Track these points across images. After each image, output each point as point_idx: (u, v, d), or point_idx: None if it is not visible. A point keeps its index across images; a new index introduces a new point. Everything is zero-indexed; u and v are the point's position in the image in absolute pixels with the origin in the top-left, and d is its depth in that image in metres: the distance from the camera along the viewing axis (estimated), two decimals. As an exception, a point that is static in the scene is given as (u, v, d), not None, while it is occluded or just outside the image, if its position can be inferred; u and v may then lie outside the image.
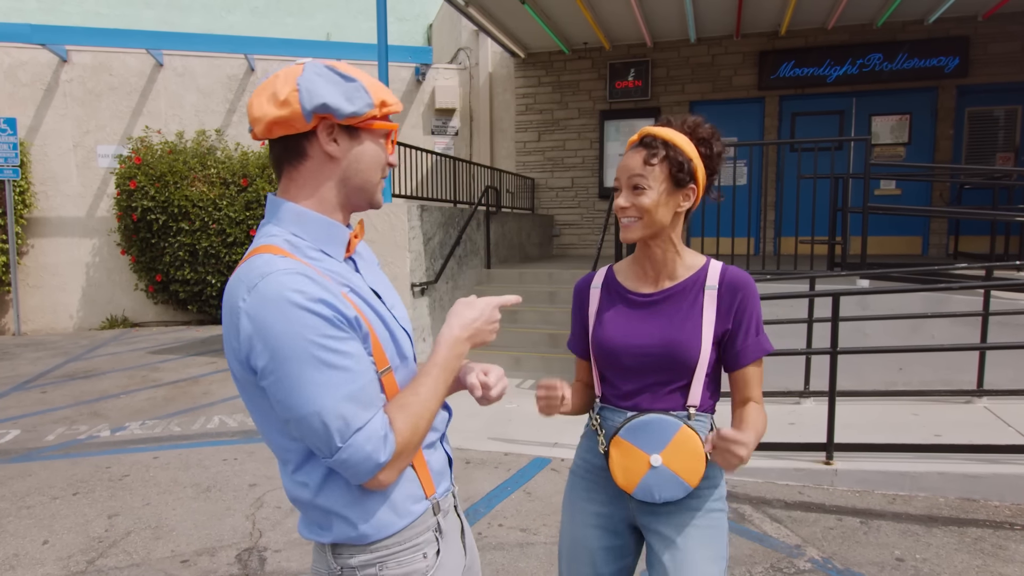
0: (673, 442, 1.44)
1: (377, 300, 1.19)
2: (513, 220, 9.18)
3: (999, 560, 3.03)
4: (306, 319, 1.00)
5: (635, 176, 1.49)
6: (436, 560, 1.19)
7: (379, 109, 1.16)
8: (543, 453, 4.38)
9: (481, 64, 10.93)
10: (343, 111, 1.11)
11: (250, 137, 10.44)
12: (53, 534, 3.37)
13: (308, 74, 1.11)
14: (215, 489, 3.91)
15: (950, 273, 5.69)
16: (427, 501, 1.20)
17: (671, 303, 1.52)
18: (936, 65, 9.02)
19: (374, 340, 1.12)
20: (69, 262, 10.05)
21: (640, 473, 1.46)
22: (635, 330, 1.53)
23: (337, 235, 1.17)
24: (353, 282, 1.15)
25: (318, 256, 1.14)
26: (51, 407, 5.70)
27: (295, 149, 1.14)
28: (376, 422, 1.06)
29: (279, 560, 3.09)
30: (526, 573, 2.97)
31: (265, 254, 1.06)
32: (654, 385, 1.51)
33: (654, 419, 1.47)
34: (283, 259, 1.05)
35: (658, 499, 1.46)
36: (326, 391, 1.01)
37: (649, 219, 1.49)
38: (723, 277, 1.51)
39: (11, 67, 9.70)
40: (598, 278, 1.66)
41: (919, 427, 4.48)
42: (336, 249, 1.17)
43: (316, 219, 1.15)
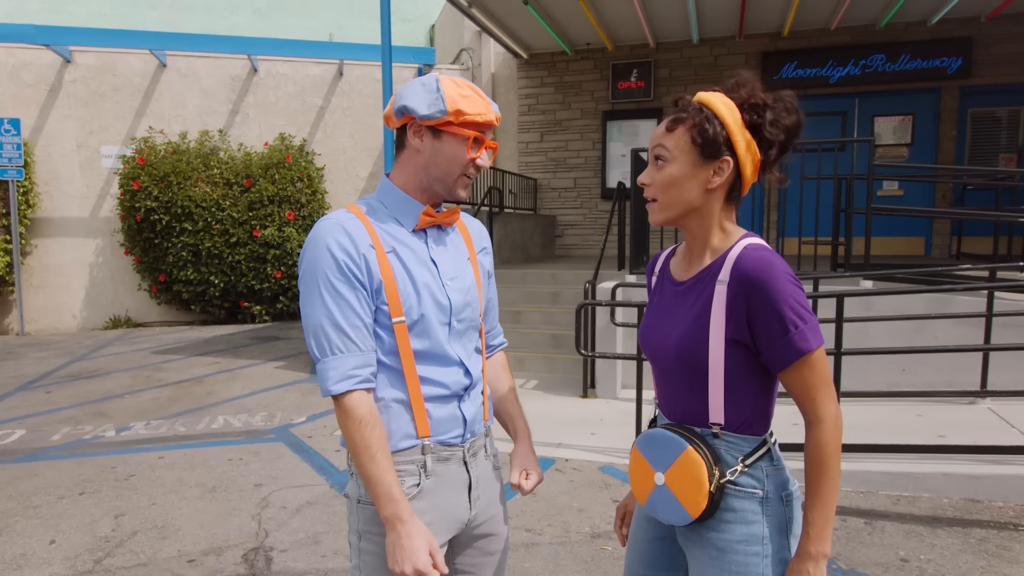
0: (676, 463, 1.28)
1: (426, 268, 1.42)
2: (516, 221, 9.20)
3: (1003, 561, 3.03)
4: (323, 256, 1.33)
5: (656, 145, 1.31)
6: (416, 491, 1.39)
7: (455, 116, 1.36)
8: (547, 454, 4.39)
9: (484, 65, 10.95)
10: (419, 113, 1.37)
11: (254, 138, 10.49)
12: (60, 534, 3.38)
13: (408, 83, 1.41)
14: (221, 489, 3.92)
15: (953, 274, 5.69)
16: (417, 440, 1.40)
17: (690, 295, 1.34)
18: (939, 66, 9.02)
19: (390, 292, 1.36)
20: (72, 262, 10.08)
21: (648, 488, 1.34)
22: (658, 324, 1.40)
23: (410, 210, 1.44)
24: (405, 247, 1.41)
25: (388, 221, 1.43)
26: (56, 407, 5.72)
27: (399, 140, 1.45)
28: (348, 361, 1.32)
29: (285, 560, 3.10)
30: (531, 573, 2.98)
31: (344, 208, 1.42)
32: (677, 388, 1.35)
33: (660, 435, 1.32)
34: (346, 213, 1.38)
35: (663, 520, 1.33)
36: (321, 312, 1.33)
37: (669, 197, 1.30)
38: (735, 268, 1.25)
39: (15, 68, 9.73)
40: (661, 259, 1.50)
41: (923, 428, 4.48)
42: (407, 220, 1.44)
43: (397, 193, 1.45)
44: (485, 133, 1.42)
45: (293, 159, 9.95)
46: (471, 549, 1.53)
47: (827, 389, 1.26)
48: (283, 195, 9.79)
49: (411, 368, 1.39)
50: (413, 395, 1.39)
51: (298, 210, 9.93)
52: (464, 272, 1.51)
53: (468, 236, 1.59)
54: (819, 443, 1.25)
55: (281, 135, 10.26)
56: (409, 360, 1.39)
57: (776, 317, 1.22)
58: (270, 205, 9.74)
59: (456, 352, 1.45)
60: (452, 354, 1.44)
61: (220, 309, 10.12)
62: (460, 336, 1.47)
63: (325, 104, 10.61)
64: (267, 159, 9.89)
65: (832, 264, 6.03)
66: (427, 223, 1.45)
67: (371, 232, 1.38)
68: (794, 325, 1.21)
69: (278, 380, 6.52)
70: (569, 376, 6.23)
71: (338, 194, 10.61)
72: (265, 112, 10.45)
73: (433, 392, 1.41)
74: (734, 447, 1.30)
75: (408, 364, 1.39)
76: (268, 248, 9.69)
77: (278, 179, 9.77)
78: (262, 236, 9.64)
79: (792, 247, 6.15)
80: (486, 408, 1.55)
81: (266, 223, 9.70)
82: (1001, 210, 6.89)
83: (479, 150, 1.42)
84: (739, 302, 1.25)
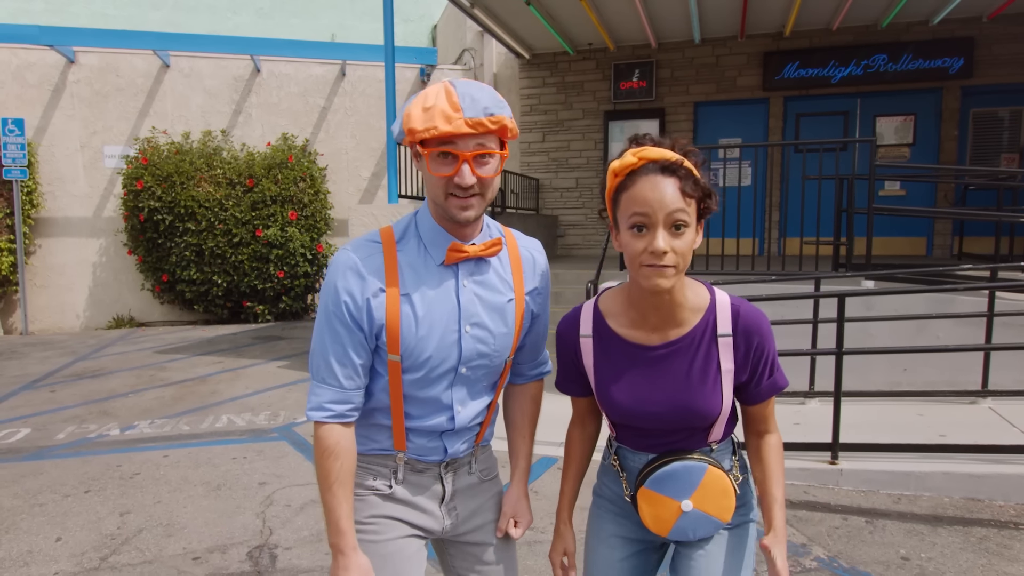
0: (702, 485, 1.36)
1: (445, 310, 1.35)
2: (518, 221, 9.21)
3: (1004, 559, 3.05)
4: (330, 292, 1.33)
5: (677, 212, 1.22)
6: (388, 491, 1.43)
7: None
8: (550, 452, 4.40)
9: (486, 65, 10.96)
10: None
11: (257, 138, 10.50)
12: (66, 531, 3.41)
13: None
14: (225, 487, 3.95)
15: (955, 274, 5.70)
16: (393, 452, 1.43)
17: (681, 356, 1.36)
18: (941, 66, 9.03)
19: (391, 333, 1.32)
20: (76, 262, 10.12)
21: (672, 520, 1.38)
22: (646, 393, 1.38)
23: (439, 242, 1.36)
24: (426, 287, 1.34)
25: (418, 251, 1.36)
26: (60, 406, 5.74)
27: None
28: (326, 394, 1.34)
29: (290, 557, 3.13)
30: (534, 571, 3.00)
31: (375, 231, 1.38)
32: (673, 439, 1.42)
33: (679, 467, 1.37)
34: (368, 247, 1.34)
35: (693, 538, 1.41)
36: (318, 340, 1.35)
37: (684, 264, 1.26)
38: (736, 323, 1.34)
39: (19, 68, 9.76)
40: (584, 323, 1.44)
41: (924, 427, 4.49)
42: (436, 253, 1.36)
43: (428, 220, 1.38)
44: (454, 144, 1.25)
45: (296, 159, 9.97)
46: (466, 557, 1.53)
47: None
48: (286, 195, 9.82)
49: (398, 404, 1.39)
50: (396, 426, 1.41)
51: (300, 210, 9.96)
52: (496, 317, 1.40)
53: (520, 270, 1.44)
54: (779, 444, 1.47)
55: (284, 135, 10.28)
56: (398, 396, 1.38)
57: (770, 362, 1.39)
58: (273, 205, 9.77)
59: (453, 398, 1.40)
60: (447, 400, 1.40)
61: (223, 309, 10.15)
62: (467, 383, 1.41)
63: (328, 104, 10.63)
64: (270, 159, 9.92)
65: (833, 264, 6.05)
66: (456, 259, 1.34)
67: (389, 270, 1.32)
68: (778, 367, 1.41)
69: (281, 379, 6.54)
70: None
71: (340, 194, 10.63)
72: (268, 112, 10.48)
73: (416, 426, 1.41)
74: (723, 451, 1.46)
75: (396, 400, 1.38)
76: (271, 248, 9.72)
77: (281, 179, 9.79)
78: (265, 236, 9.66)
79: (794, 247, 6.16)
80: (482, 435, 1.51)
81: (269, 223, 9.72)
82: (1002, 210, 6.89)
83: (453, 167, 1.26)
84: (744, 351, 1.36)
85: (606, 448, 1.56)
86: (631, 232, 1.25)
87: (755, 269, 6.11)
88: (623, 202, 1.27)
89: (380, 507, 1.43)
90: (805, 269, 5.90)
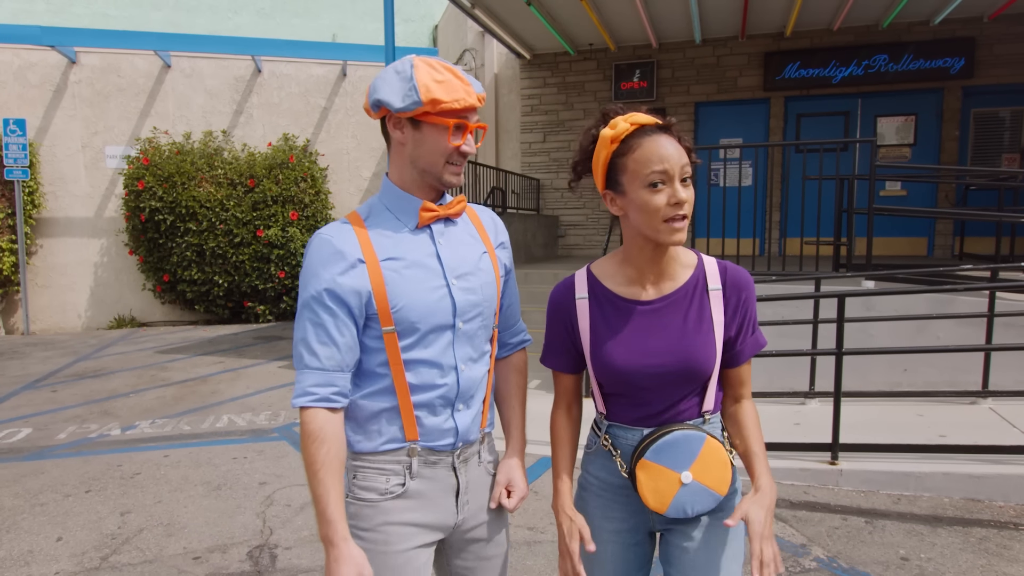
0: (700, 456, 1.37)
1: (428, 269, 1.39)
2: (519, 221, 9.22)
3: (1003, 560, 3.05)
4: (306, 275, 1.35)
5: (686, 165, 1.32)
6: (401, 490, 1.40)
7: (431, 106, 1.31)
8: (548, 452, 4.41)
9: (487, 65, 10.97)
10: (395, 107, 1.32)
11: (258, 138, 10.51)
12: (67, 531, 3.42)
13: (383, 73, 1.36)
14: (226, 487, 3.96)
15: (955, 274, 5.70)
16: (404, 443, 1.40)
17: (675, 309, 1.41)
18: (942, 66, 9.03)
19: (380, 303, 1.34)
20: (77, 262, 10.13)
21: (672, 492, 1.38)
22: (646, 346, 1.40)
23: (409, 207, 1.41)
24: (404, 249, 1.38)
25: (389, 222, 1.40)
26: (62, 406, 5.76)
27: (384, 134, 1.42)
28: (309, 378, 1.33)
29: (290, 557, 3.13)
30: (533, 571, 3.00)
31: (343, 217, 1.41)
32: (671, 399, 1.42)
33: (679, 436, 1.38)
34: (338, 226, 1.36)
35: (691, 514, 1.40)
36: (299, 328, 1.35)
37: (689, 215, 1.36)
38: (725, 277, 1.42)
39: (20, 68, 9.78)
40: (580, 286, 1.48)
41: (924, 428, 4.49)
42: (408, 219, 1.41)
43: (393, 190, 1.42)
44: (468, 117, 1.36)
45: (297, 159, 9.99)
46: (465, 553, 1.51)
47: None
48: (287, 195, 9.83)
49: (400, 377, 1.37)
50: (403, 403, 1.38)
51: (302, 210, 9.96)
52: (477, 268, 1.45)
53: (483, 228, 1.52)
54: (755, 410, 1.48)
55: (285, 135, 10.30)
56: (399, 369, 1.37)
57: (752, 318, 1.44)
58: (274, 205, 9.78)
59: (456, 357, 1.41)
60: (449, 360, 1.40)
61: (224, 309, 10.17)
62: (467, 339, 1.43)
63: (328, 104, 10.64)
64: (271, 159, 9.93)
65: (834, 264, 6.05)
66: (429, 219, 1.41)
67: (364, 243, 1.35)
68: (757, 327, 1.46)
69: (281, 379, 6.55)
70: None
71: (341, 194, 10.64)
72: (269, 112, 10.49)
73: (424, 399, 1.39)
74: (714, 422, 1.46)
75: (398, 373, 1.37)
76: (272, 248, 9.73)
77: (282, 179, 9.81)
78: (266, 236, 9.67)
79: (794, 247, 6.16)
80: (485, 415, 1.51)
81: (270, 223, 9.73)
82: (1003, 210, 6.89)
83: (462, 136, 1.36)
84: (733, 304, 1.42)
85: (591, 434, 1.55)
86: (649, 189, 1.31)
87: (755, 269, 6.11)
88: (630, 164, 1.33)
89: (391, 513, 1.39)
90: (805, 269, 5.90)
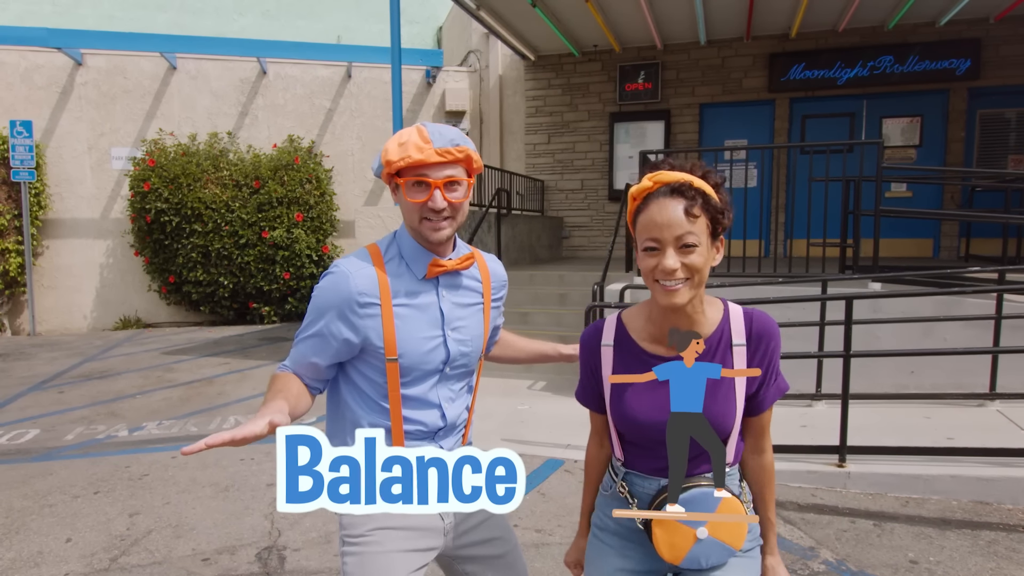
0: (718, 513, 1.37)
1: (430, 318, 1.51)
2: (523, 222, 9.22)
3: (1012, 563, 3.04)
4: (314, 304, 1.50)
5: (685, 233, 1.30)
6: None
7: (388, 168, 1.45)
8: (557, 455, 4.41)
9: (491, 67, 10.98)
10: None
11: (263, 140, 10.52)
12: (76, 532, 3.43)
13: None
14: (233, 489, 3.96)
15: (962, 276, 5.68)
16: None
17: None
18: (948, 67, 9.00)
19: (388, 338, 1.45)
20: (83, 263, 10.16)
21: (687, 547, 1.37)
22: (661, 403, 1.39)
23: (420, 258, 1.52)
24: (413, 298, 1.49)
25: (402, 266, 1.51)
26: (69, 407, 5.77)
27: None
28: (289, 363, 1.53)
29: (298, 559, 3.14)
30: (542, 573, 3.01)
31: (363, 248, 1.53)
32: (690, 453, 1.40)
33: (697, 494, 1.37)
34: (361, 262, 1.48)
35: (705, 566, 1.39)
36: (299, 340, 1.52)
37: (699, 279, 1.33)
38: (749, 330, 1.40)
39: (27, 70, 9.82)
40: (607, 333, 1.50)
41: (932, 430, 4.48)
42: (417, 269, 1.52)
43: (408, 241, 1.53)
44: (426, 174, 1.42)
45: (302, 161, 10.01)
46: (473, 557, 1.57)
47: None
48: (292, 197, 9.84)
49: (397, 408, 1.49)
50: (395, 430, 1.50)
51: (306, 212, 9.98)
52: (471, 322, 1.58)
53: (488, 281, 1.64)
54: (771, 463, 1.50)
55: (290, 137, 10.32)
56: (396, 402, 1.49)
57: (776, 366, 1.43)
58: (279, 207, 9.80)
59: (438, 396, 1.54)
60: (433, 399, 1.53)
61: (229, 310, 10.19)
62: (448, 380, 1.56)
63: (333, 106, 10.66)
64: (276, 161, 9.95)
65: (840, 266, 6.04)
66: (436, 273, 1.51)
67: (382, 283, 1.47)
68: (780, 371, 1.45)
69: (288, 381, 6.56)
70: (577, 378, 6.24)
71: (346, 196, 10.66)
72: (274, 114, 10.52)
73: (412, 429, 1.52)
74: (732, 476, 1.45)
75: (395, 404, 1.49)
76: (277, 249, 9.75)
77: (287, 181, 9.82)
78: (271, 237, 9.69)
79: (800, 248, 6.14)
80: (465, 438, 1.65)
81: (275, 225, 9.75)
82: (1010, 212, 6.87)
83: (427, 194, 1.43)
84: (759, 358, 1.41)
85: (608, 478, 1.54)
86: (646, 253, 1.34)
87: (761, 271, 6.10)
88: (639, 224, 1.36)
89: (380, 519, 1.43)
90: (812, 271, 5.89)
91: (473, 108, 11.08)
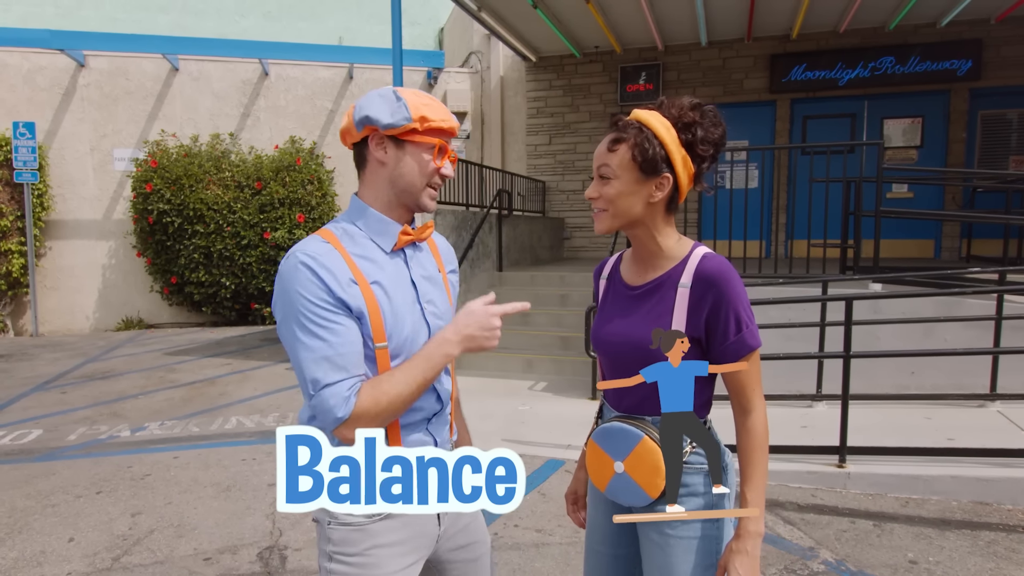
0: (634, 452, 1.39)
1: (406, 291, 1.41)
2: (524, 223, 9.24)
3: (1012, 563, 3.05)
4: (296, 298, 1.29)
5: (601, 165, 1.41)
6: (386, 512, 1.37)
7: (419, 123, 1.35)
8: (557, 455, 4.42)
9: (492, 68, 11.00)
10: (383, 123, 1.34)
11: (265, 141, 10.57)
12: (78, 532, 3.45)
13: (368, 95, 1.38)
14: (235, 489, 3.98)
15: (963, 277, 5.69)
16: None
17: (651, 297, 1.44)
18: (949, 68, 9.01)
19: (373, 321, 1.33)
20: (86, 264, 10.19)
21: (607, 477, 1.44)
22: (614, 324, 1.48)
23: (387, 230, 1.42)
24: (386, 273, 1.38)
25: (365, 244, 1.39)
26: (71, 407, 5.79)
27: (360, 155, 1.42)
28: (344, 385, 1.28)
29: (300, 559, 3.15)
30: (542, 573, 3.02)
31: (315, 235, 1.37)
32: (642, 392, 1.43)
33: (617, 428, 1.42)
34: (317, 243, 1.33)
35: (623, 503, 1.44)
36: (306, 351, 1.28)
37: (615, 210, 1.41)
38: (696, 272, 1.39)
39: (30, 72, 9.85)
40: (608, 265, 1.61)
41: (932, 431, 4.49)
42: (385, 241, 1.41)
43: (371, 213, 1.41)
44: (448, 142, 1.41)
45: (303, 162, 10.03)
46: (454, 560, 1.54)
47: (759, 382, 1.42)
48: (293, 198, 9.87)
49: None
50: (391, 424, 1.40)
51: (308, 212, 10.00)
52: (439, 292, 1.51)
53: (437, 253, 1.57)
54: (753, 429, 1.41)
55: (291, 138, 10.34)
56: None
57: (734, 316, 1.36)
58: (281, 208, 9.82)
59: None
60: None
61: (231, 311, 10.21)
62: None
63: (335, 107, 10.68)
64: (278, 162, 9.98)
65: (841, 266, 6.04)
66: (405, 242, 1.43)
67: (349, 263, 1.33)
68: (746, 325, 1.37)
69: (289, 381, 6.58)
70: (578, 378, 6.26)
71: (347, 197, 10.59)
72: (276, 115, 10.54)
73: (408, 418, 1.41)
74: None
75: None
76: (279, 250, 9.77)
77: (288, 182, 9.85)
78: (273, 238, 9.72)
79: (801, 249, 6.15)
80: (452, 427, 1.56)
81: (277, 225, 9.78)
82: (1011, 213, 6.87)
83: (443, 159, 1.40)
84: (701, 303, 1.37)
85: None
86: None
87: (762, 272, 6.11)
88: None
89: (378, 535, 1.38)
90: (812, 272, 5.89)
91: (474, 109, 11.10)
